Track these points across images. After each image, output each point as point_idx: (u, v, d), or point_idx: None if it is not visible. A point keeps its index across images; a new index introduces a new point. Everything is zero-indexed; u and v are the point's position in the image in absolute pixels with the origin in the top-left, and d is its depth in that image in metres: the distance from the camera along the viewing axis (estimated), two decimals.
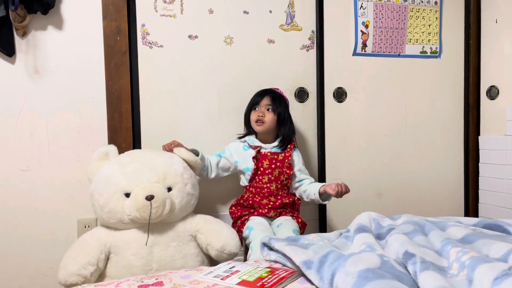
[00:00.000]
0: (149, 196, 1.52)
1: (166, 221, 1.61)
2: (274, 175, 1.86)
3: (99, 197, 1.59)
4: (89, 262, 1.50)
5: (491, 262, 1.00)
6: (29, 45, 1.79)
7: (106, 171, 1.61)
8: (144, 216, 1.52)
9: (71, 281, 1.46)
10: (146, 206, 1.51)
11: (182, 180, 1.64)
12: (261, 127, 1.87)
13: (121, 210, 1.55)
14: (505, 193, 2.24)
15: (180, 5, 1.97)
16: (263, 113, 1.87)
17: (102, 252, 1.55)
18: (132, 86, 1.92)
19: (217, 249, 1.62)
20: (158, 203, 1.53)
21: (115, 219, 1.57)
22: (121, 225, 1.58)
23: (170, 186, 1.61)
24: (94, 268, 1.50)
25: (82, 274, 1.48)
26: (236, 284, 1.07)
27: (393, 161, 2.33)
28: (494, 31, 2.31)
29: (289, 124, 1.92)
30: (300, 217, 1.88)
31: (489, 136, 2.35)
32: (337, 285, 1.00)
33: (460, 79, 2.42)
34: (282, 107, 1.91)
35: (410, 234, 1.26)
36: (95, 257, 1.52)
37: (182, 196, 1.63)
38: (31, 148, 1.81)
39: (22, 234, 1.80)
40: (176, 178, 1.63)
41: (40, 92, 1.81)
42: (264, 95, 1.91)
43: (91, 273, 1.49)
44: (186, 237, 1.64)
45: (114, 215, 1.56)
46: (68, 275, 1.47)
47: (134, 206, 1.52)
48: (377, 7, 2.24)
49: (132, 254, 1.55)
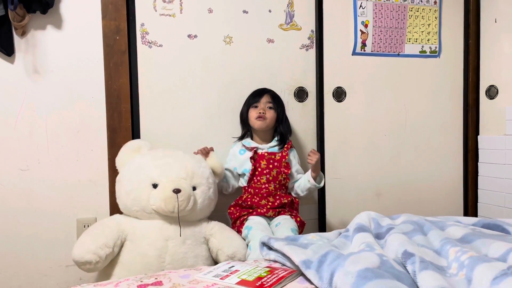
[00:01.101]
0: (176, 189, 1.59)
1: (185, 218, 1.66)
2: (272, 175, 1.87)
3: (127, 183, 1.66)
4: (106, 244, 1.55)
5: (490, 261, 1.01)
6: (28, 44, 1.78)
7: (139, 161, 1.69)
8: (169, 208, 1.58)
9: (86, 258, 1.50)
10: (172, 198, 1.58)
11: (207, 183, 1.72)
12: (263, 122, 1.89)
13: (146, 199, 1.62)
14: (504, 192, 2.24)
15: (179, 5, 1.97)
16: (264, 110, 1.89)
17: (119, 237, 1.60)
18: (132, 86, 1.91)
19: (228, 255, 1.67)
20: (184, 197, 1.59)
21: (138, 207, 1.63)
22: (142, 214, 1.64)
23: (196, 185, 1.68)
24: (110, 251, 1.55)
25: (99, 253, 1.52)
26: (236, 284, 1.07)
27: (392, 161, 2.33)
28: (493, 30, 2.31)
29: (287, 123, 1.98)
30: (299, 216, 1.88)
31: (488, 135, 2.35)
32: (336, 284, 1.00)
33: (459, 78, 2.42)
34: (280, 107, 1.96)
35: (409, 233, 1.26)
36: (112, 240, 1.57)
37: (204, 197, 1.70)
38: (30, 148, 1.80)
39: (22, 234, 1.80)
40: (202, 180, 1.70)
41: (39, 91, 1.80)
42: (263, 94, 1.94)
43: (106, 254, 1.54)
44: (200, 238, 1.69)
45: (138, 202, 1.63)
46: (85, 252, 1.50)
47: (162, 196, 1.58)
48: (377, 7, 2.24)
49: (148, 244, 1.59)
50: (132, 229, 1.62)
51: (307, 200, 2.18)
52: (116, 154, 1.79)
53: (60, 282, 1.83)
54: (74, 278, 1.85)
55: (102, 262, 1.53)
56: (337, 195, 2.23)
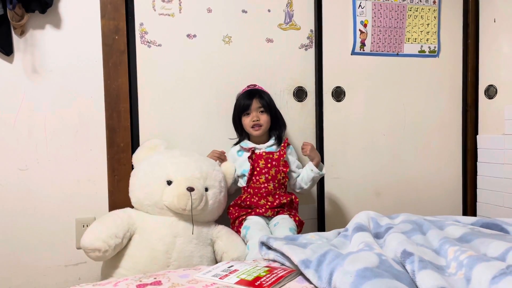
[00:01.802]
0: (190, 187, 1.63)
1: (195, 218, 1.68)
2: (271, 174, 1.86)
3: (143, 176, 1.70)
4: (116, 234, 1.57)
5: (489, 261, 1.01)
6: (27, 44, 1.78)
7: (156, 157, 1.75)
8: (181, 205, 1.61)
9: (95, 246, 1.53)
10: (185, 195, 1.61)
11: (219, 186, 1.77)
12: (259, 131, 1.89)
13: (159, 194, 1.65)
14: (503, 192, 2.24)
15: (178, 4, 1.97)
16: (257, 117, 1.88)
17: (129, 230, 1.63)
18: (131, 85, 1.91)
19: (232, 259, 1.68)
20: (197, 196, 1.63)
21: (151, 201, 1.66)
22: (154, 209, 1.67)
23: (208, 187, 1.73)
24: (118, 241, 1.58)
25: (108, 242, 1.54)
26: (235, 283, 1.07)
27: (391, 160, 2.33)
28: (492, 30, 2.31)
29: (280, 117, 1.98)
30: (297, 215, 1.88)
31: (487, 135, 2.35)
32: (335, 284, 1.00)
33: (458, 78, 2.43)
34: (270, 104, 1.95)
35: (408, 233, 1.26)
36: (122, 231, 1.60)
37: (215, 200, 1.74)
38: (29, 147, 1.80)
39: (20, 234, 1.80)
40: (215, 182, 1.75)
41: (38, 91, 1.80)
42: (252, 98, 1.90)
43: (115, 244, 1.56)
44: (206, 239, 1.72)
45: (151, 197, 1.66)
46: (95, 239, 1.53)
47: (175, 193, 1.62)
48: (376, 7, 2.24)
49: (157, 238, 1.62)
50: (142, 223, 1.66)
51: (307, 200, 2.18)
52: (115, 154, 1.79)
53: (59, 282, 1.83)
54: (73, 278, 1.85)
55: (111, 252, 1.56)
56: (336, 195, 2.23)
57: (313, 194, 2.20)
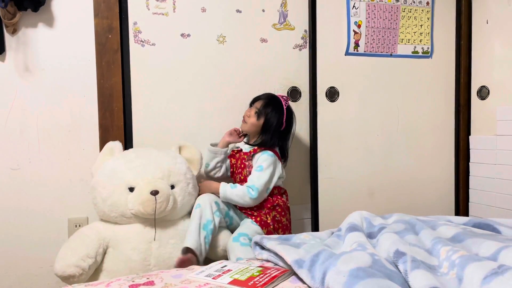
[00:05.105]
0: (154, 191, 1.55)
1: (167, 218, 1.63)
2: (244, 174, 1.87)
3: (102, 190, 1.60)
4: (88, 255, 1.51)
5: (480, 260, 1.01)
6: (20, 42, 1.77)
7: (111, 165, 1.63)
8: (148, 211, 1.54)
9: (69, 272, 1.47)
10: (150, 201, 1.53)
11: (185, 179, 1.68)
12: (243, 125, 1.91)
13: (123, 204, 1.57)
14: (495, 192, 2.26)
15: (172, 3, 1.96)
16: (249, 115, 1.88)
17: (101, 245, 1.56)
18: (124, 84, 1.90)
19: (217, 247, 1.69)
20: (162, 198, 1.55)
21: (117, 213, 1.58)
22: (122, 219, 1.60)
23: (174, 184, 1.65)
24: (92, 261, 1.51)
25: (81, 266, 1.48)
26: (228, 284, 1.07)
27: (384, 160, 2.34)
28: (484, 32, 2.33)
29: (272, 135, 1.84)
30: (260, 216, 1.79)
31: (480, 136, 2.37)
32: (328, 284, 1.00)
33: (451, 79, 2.44)
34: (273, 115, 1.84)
35: (401, 233, 1.27)
36: (94, 250, 1.53)
37: (184, 195, 1.67)
38: (21, 147, 1.79)
39: (12, 234, 1.78)
40: (179, 177, 1.66)
41: (30, 90, 1.79)
42: (260, 98, 1.91)
43: (89, 265, 1.50)
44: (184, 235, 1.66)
45: (116, 208, 1.58)
46: (66, 266, 1.47)
47: (139, 200, 1.54)
48: (370, 7, 2.25)
49: (131, 248, 1.56)
50: (113, 235, 1.58)
51: (301, 200, 2.18)
52: None
53: (51, 282, 1.81)
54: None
55: (86, 273, 1.50)
56: (329, 195, 2.23)
57: (307, 194, 2.21)
